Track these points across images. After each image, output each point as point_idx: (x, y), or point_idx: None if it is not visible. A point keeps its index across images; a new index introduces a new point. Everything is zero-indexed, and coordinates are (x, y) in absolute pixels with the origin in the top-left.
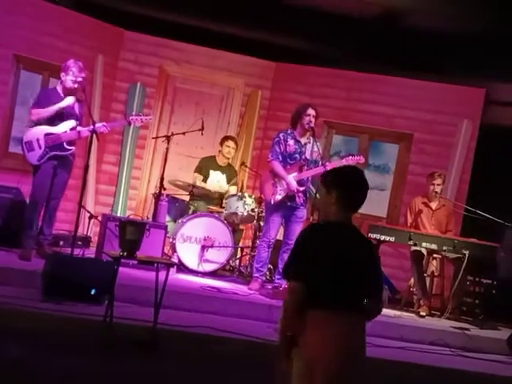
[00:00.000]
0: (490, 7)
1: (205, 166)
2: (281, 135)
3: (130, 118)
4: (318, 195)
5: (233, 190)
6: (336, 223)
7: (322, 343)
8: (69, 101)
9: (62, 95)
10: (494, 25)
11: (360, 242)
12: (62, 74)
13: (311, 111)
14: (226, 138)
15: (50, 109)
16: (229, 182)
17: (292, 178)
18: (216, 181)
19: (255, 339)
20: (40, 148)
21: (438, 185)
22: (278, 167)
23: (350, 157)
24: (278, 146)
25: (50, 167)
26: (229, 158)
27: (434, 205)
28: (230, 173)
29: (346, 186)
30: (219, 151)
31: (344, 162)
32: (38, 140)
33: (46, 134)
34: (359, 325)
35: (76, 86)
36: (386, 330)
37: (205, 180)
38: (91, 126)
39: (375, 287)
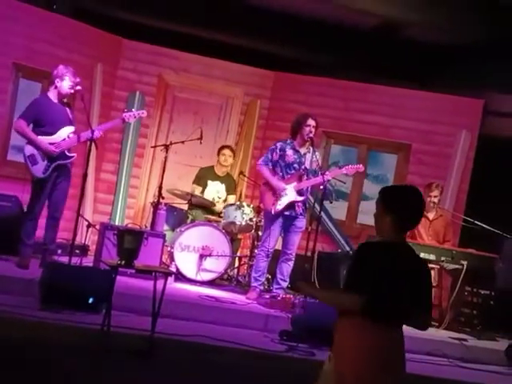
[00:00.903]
0: (489, 19)
1: (203, 177)
2: (278, 144)
3: (123, 115)
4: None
5: (231, 199)
6: (391, 243)
7: (364, 354)
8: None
9: (56, 101)
10: (493, 36)
11: (414, 260)
12: (57, 81)
13: (311, 122)
14: (221, 148)
15: (33, 138)
16: (228, 191)
17: (278, 181)
18: (215, 191)
19: (253, 349)
20: (43, 160)
21: (435, 196)
22: (265, 172)
23: (350, 165)
24: (270, 154)
25: (51, 180)
26: (227, 167)
27: (431, 215)
28: (229, 182)
29: (405, 210)
30: (217, 161)
31: (343, 171)
32: (40, 152)
33: (49, 145)
34: (401, 340)
35: (72, 91)
36: None
37: (203, 190)
38: (89, 132)
39: (426, 303)
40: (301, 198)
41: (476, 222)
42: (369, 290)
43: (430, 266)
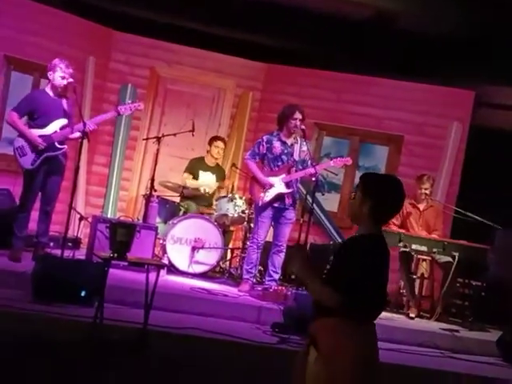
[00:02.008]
0: (480, 10)
1: (194, 167)
2: (264, 137)
3: (119, 107)
4: (352, 196)
5: (220, 186)
6: (378, 237)
7: (343, 346)
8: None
9: (52, 95)
10: (484, 28)
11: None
12: (50, 73)
13: (298, 115)
14: (214, 139)
15: (23, 130)
16: (218, 181)
17: (264, 177)
18: (206, 181)
19: (245, 341)
20: (32, 152)
21: (425, 188)
22: (252, 166)
23: (339, 158)
24: (257, 147)
25: (42, 172)
26: (217, 159)
27: (421, 206)
28: (219, 173)
29: (385, 199)
30: (207, 151)
31: (332, 164)
32: (29, 144)
33: (39, 137)
34: (375, 331)
35: (65, 82)
36: None
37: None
38: (81, 125)
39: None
40: (289, 190)
41: (467, 213)
42: (350, 290)
43: (422, 257)
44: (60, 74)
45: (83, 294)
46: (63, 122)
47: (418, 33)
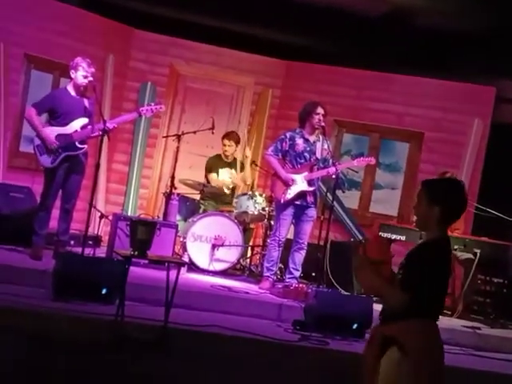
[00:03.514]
0: (500, 5)
1: (213, 166)
2: (287, 134)
3: (141, 109)
4: (417, 203)
5: (241, 179)
6: (446, 241)
7: (431, 348)
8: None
9: (74, 94)
10: (505, 23)
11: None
12: (72, 72)
13: (321, 110)
14: (223, 137)
15: (37, 127)
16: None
17: (286, 174)
18: (228, 178)
19: (265, 338)
20: (47, 150)
21: None
22: (274, 162)
23: (361, 157)
24: (280, 144)
25: (63, 170)
26: (227, 156)
27: None
28: (237, 166)
29: (454, 200)
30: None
31: (355, 163)
32: (43, 142)
33: (57, 135)
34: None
35: (87, 81)
36: None
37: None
38: (101, 124)
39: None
40: (311, 188)
41: (489, 209)
42: (419, 290)
43: None
44: (82, 73)
45: (104, 291)
46: (84, 121)
47: (437, 28)
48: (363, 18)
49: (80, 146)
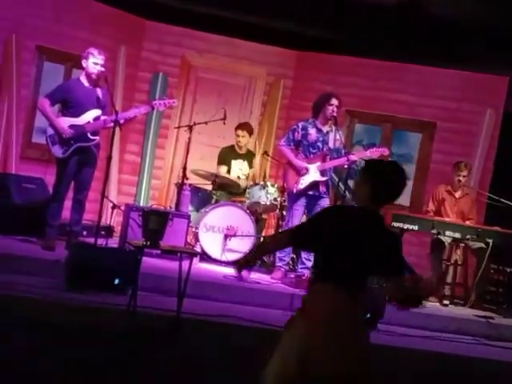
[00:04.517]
0: None
1: (226, 158)
2: (300, 124)
3: (153, 102)
4: (354, 180)
5: (251, 172)
6: (356, 207)
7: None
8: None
9: (87, 84)
10: None
11: (375, 226)
12: (84, 61)
13: (335, 101)
14: (236, 128)
15: (51, 117)
16: (250, 167)
17: (300, 161)
18: (239, 169)
19: (278, 328)
20: (60, 140)
21: (464, 176)
22: (286, 152)
23: (374, 148)
24: (292, 133)
25: (75, 161)
26: (241, 147)
27: (457, 194)
28: (251, 159)
29: (380, 181)
30: (235, 139)
31: (368, 154)
32: (56, 133)
33: (70, 126)
34: (351, 303)
35: (98, 68)
36: (409, 319)
37: (228, 170)
38: (114, 116)
39: (392, 269)
40: (324, 178)
41: (501, 199)
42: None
43: (456, 243)
44: (93, 60)
45: (117, 281)
46: (97, 112)
47: (450, 18)
48: (377, 7)
49: (92, 137)
